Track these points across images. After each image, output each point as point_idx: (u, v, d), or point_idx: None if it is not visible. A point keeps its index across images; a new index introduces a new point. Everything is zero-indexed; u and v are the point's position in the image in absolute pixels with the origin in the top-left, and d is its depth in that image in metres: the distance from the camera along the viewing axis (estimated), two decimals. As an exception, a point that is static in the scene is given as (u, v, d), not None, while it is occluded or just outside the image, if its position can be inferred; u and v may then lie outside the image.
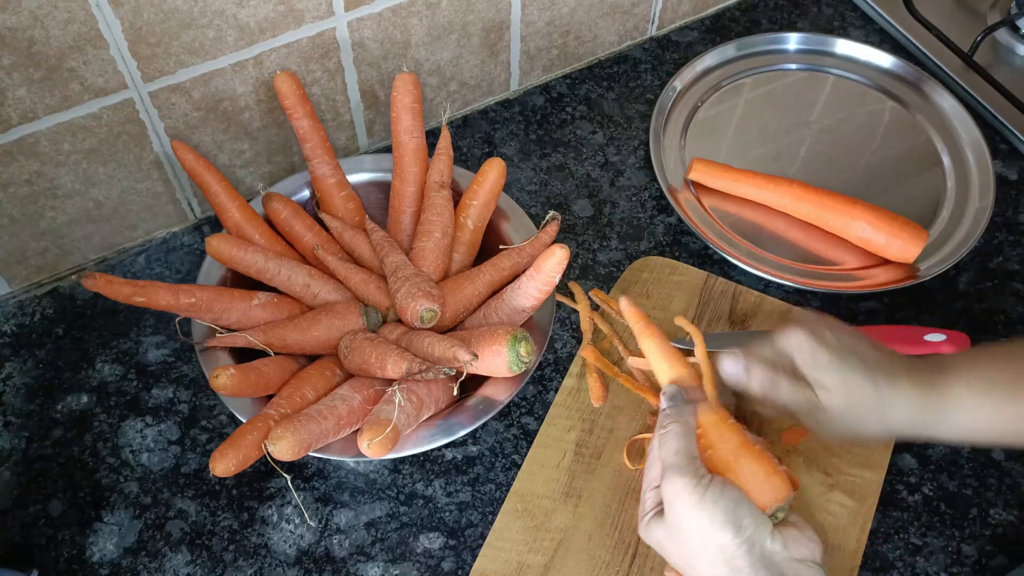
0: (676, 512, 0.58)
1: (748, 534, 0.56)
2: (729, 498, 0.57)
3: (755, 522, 0.57)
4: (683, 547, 0.59)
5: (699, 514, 0.57)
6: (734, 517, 0.57)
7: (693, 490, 0.57)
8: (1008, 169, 0.96)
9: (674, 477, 0.58)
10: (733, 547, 0.56)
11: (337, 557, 0.72)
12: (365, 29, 0.84)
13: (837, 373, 0.62)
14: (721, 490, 0.57)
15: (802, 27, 1.08)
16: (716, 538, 0.57)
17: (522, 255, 0.80)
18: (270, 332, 0.74)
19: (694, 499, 0.57)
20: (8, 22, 0.67)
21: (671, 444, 0.60)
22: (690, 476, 0.58)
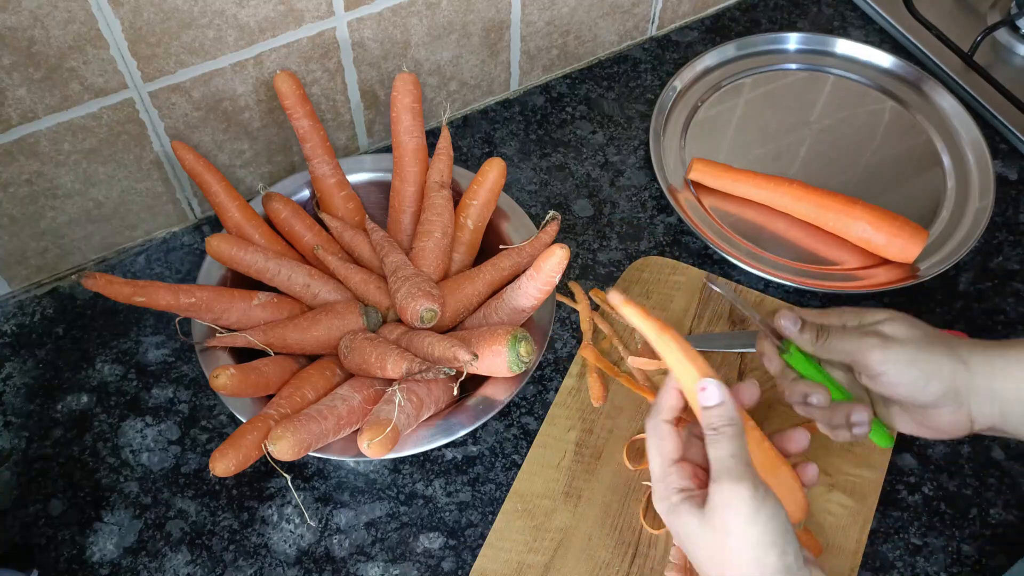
0: (725, 517, 0.55)
1: (789, 560, 0.54)
2: (782, 519, 0.55)
3: (795, 550, 0.55)
4: (718, 550, 0.56)
5: (751, 528, 0.54)
6: (783, 540, 0.54)
7: (750, 501, 0.54)
8: (1008, 169, 0.96)
9: (730, 483, 0.55)
10: (774, 569, 0.54)
11: (337, 557, 0.72)
12: (365, 29, 0.84)
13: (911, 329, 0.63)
14: (776, 509, 0.55)
15: (802, 27, 1.08)
16: (761, 555, 0.54)
17: (522, 255, 0.80)
18: (270, 332, 0.74)
19: (749, 510, 0.54)
20: (8, 22, 0.67)
21: (727, 446, 0.56)
22: (749, 485, 0.54)
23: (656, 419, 0.60)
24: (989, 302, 0.86)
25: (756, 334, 0.82)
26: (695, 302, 0.85)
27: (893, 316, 0.64)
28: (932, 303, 0.86)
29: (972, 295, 0.87)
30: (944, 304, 0.86)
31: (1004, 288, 0.87)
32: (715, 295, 0.85)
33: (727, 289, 0.71)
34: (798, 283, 0.85)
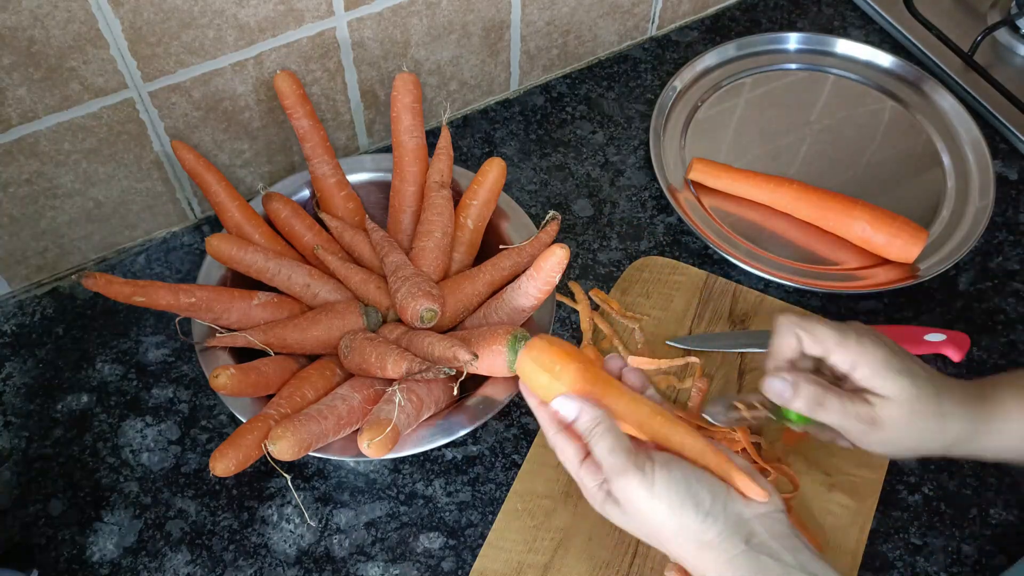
0: (632, 507, 0.57)
1: (707, 506, 0.56)
2: (677, 479, 0.56)
3: (712, 493, 0.56)
4: (648, 532, 0.59)
5: (656, 505, 0.56)
6: (689, 495, 0.56)
7: (640, 485, 0.56)
8: (1008, 169, 0.96)
9: (618, 478, 0.57)
10: (697, 523, 0.56)
11: (337, 557, 0.72)
12: (365, 29, 0.84)
13: (906, 380, 0.60)
14: (669, 474, 0.56)
15: (802, 27, 1.08)
16: (678, 520, 0.56)
17: (522, 255, 0.80)
18: (270, 332, 0.74)
19: (645, 493, 0.56)
20: (8, 22, 0.67)
21: (601, 445, 0.58)
22: (633, 471, 0.57)
23: (549, 437, 0.63)
24: (989, 302, 0.86)
25: (755, 333, 0.82)
26: (695, 302, 0.85)
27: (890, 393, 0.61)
28: (932, 303, 0.86)
29: (972, 295, 0.87)
30: (944, 304, 0.86)
31: (1004, 288, 0.87)
32: (715, 295, 0.85)
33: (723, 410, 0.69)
34: (798, 283, 0.85)
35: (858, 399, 0.61)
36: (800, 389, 0.61)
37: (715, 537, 0.56)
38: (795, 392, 0.62)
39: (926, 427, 0.61)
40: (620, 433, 0.59)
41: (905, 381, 0.60)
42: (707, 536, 0.56)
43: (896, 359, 0.61)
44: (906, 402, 0.60)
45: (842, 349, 0.62)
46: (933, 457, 0.76)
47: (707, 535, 0.56)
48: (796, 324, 0.63)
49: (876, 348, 0.61)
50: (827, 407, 0.61)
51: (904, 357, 0.62)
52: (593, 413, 0.60)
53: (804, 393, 0.61)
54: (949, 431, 0.62)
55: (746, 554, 0.56)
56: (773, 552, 0.56)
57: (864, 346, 0.61)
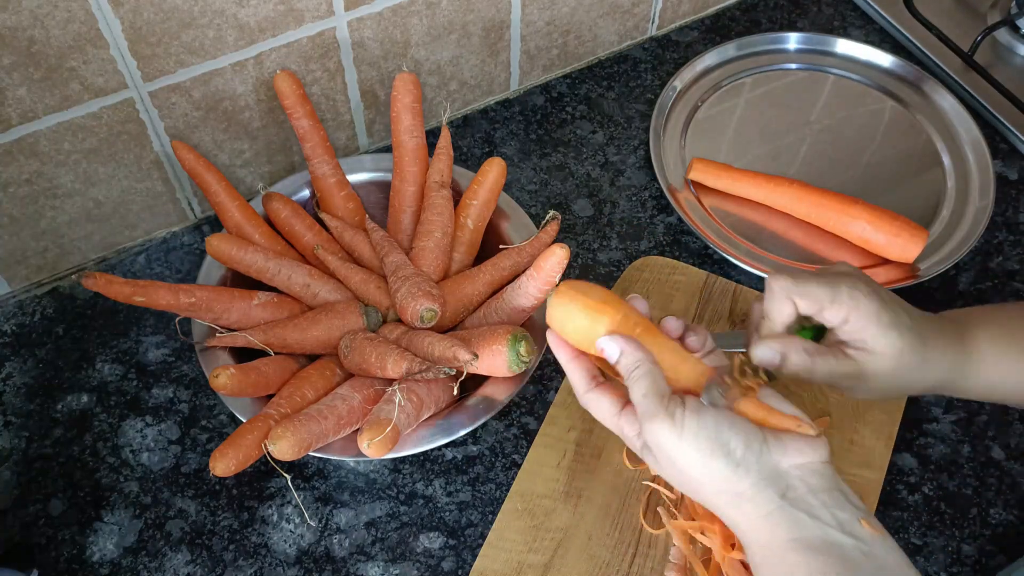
0: (664, 452, 0.56)
1: (739, 455, 0.54)
2: (708, 425, 0.55)
3: (745, 442, 0.54)
4: (680, 479, 0.57)
5: (685, 449, 0.55)
6: (719, 443, 0.54)
7: (670, 430, 0.55)
8: (1008, 169, 0.96)
9: (648, 423, 0.56)
10: (729, 472, 0.54)
11: (337, 557, 0.72)
12: (365, 29, 0.84)
13: (894, 333, 0.60)
14: (698, 420, 0.55)
15: (802, 27, 1.08)
16: (709, 468, 0.54)
17: (522, 255, 0.80)
18: (270, 332, 0.74)
19: (674, 438, 0.55)
20: (8, 22, 0.67)
21: (639, 387, 0.57)
22: (662, 416, 0.55)
23: (580, 395, 0.62)
24: (989, 302, 0.86)
25: None
26: (695, 302, 0.85)
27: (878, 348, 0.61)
28: (932, 303, 0.86)
29: (972, 295, 0.87)
30: (944, 304, 0.86)
31: (1004, 288, 0.87)
32: (715, 295, 0.85)
33: None
34: (798, 283, 0.85)
35: (845, 359, 0.61)
36: (789, 359, 0.62)
37: (748, 488, 0.54)
38: (783, 361, 0.62)
39: (909, 376, 0.62)
40: (658, 377, 0.57)
41: (893, 335, 0.60)
42: (740, 487, 0.54)
43: (886, 312, 0.61)
44: (893, 356, 0.61)
45: (835, 306, 0.61)
46: (932, 459, 0.76)
47: (739, 486, 0.54)
48: (790, 289, 0.62)
49: (868, 301, 0.61)
50: (816, 371, 0.62)
51: (893, 307, 0.61)
52: (636, 355, 0.58)
53: (793, 361, 0.61)
54: (930, 377, 0.63)
55: (781, 509, 0.54)
56: (811, 508, 0.54)
57: (856, 300, 0.61)
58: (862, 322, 0.61)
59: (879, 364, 0.61)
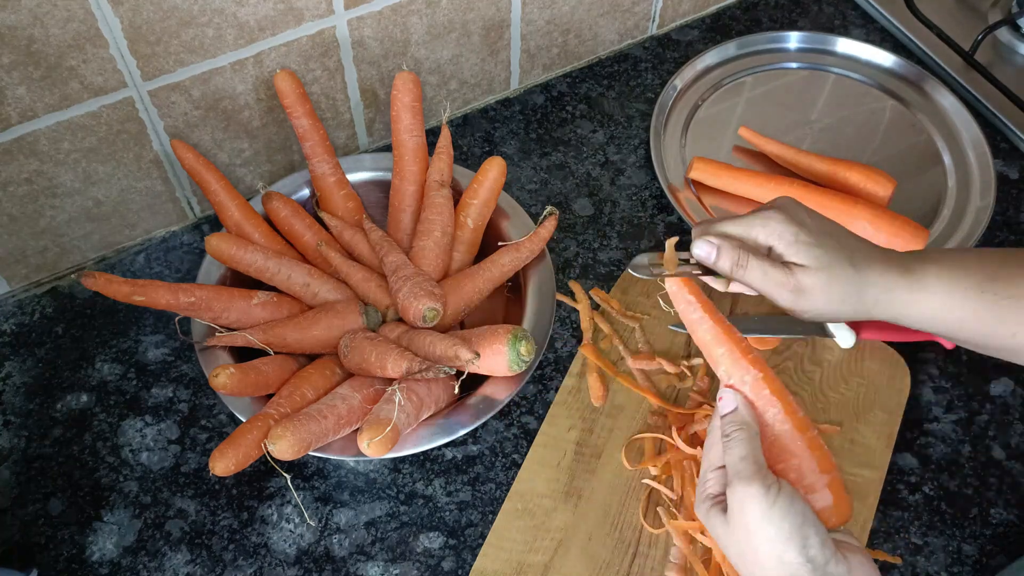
0: (743, 519, 0.56)
1: (812, 553, 0.54)
2: (797, 512, 0.55)
3: (820, 542, 0.55)
4: (743, 550, 0.57)
5: (766, 525, 0.55)
6: (801, 533, 0.55)
7: (762, 500, 0.55)
8: (1009, 168, 0.96)
9: (742, 485, 0.56)
10: (797, 564, 0.54)
11: (337, 556, 0.72)
12: (365, 28, 0.84)
13: (818, 250, 0.63)
14: (790, 503, 0.55)
15: (803, 26, 1.08)
16: (781, 552, 0.55)
17: (520, 251, 0.80)
18: (270, 331, 0.74)
19: (762, 509, 0.55)
20: (8, 21, 0.67)
21: (736, 449, 0.58)
22: (758, 484, 0.56)
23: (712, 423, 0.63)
24: (990, 301, 0.86)
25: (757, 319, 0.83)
26: (695, 301, 0.85)
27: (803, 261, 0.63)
28: (933, 302, 0.86)
29: (973, 294, 0.87)
30: (945, 303, 0.86)
31: (1005, 287, 0.87)
32: (716, 294, 0.85)
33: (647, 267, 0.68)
34: (799, 282, 0.85)
35: (778, 264, 0.64)
36: (723, 251, 0.64)
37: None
38: (719, 254, 0.64)
39: (845, 291, 0.64)
40: (757, 447, 0.59)
41: (816, 251, 0.63)
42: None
43: (804, 232, 0.64)
44: (821, 269, 0.63)
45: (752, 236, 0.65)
46: (933, 459, 0.76)
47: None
48: (707, 235, 0.65)
49: (784, 226, 0.64)
50: (748, 269, 0.64)
51: (813, 231, 0.64)
52: (746, 415, 0.60)
53: (726, 254, 0.64)
54: (867, 295, 0.64)
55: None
56: None
57: (769, 227, 0.64)
58: (783, 243, 0.64)
59: (810, 278, 0.63)
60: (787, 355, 0.82)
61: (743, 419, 0.60)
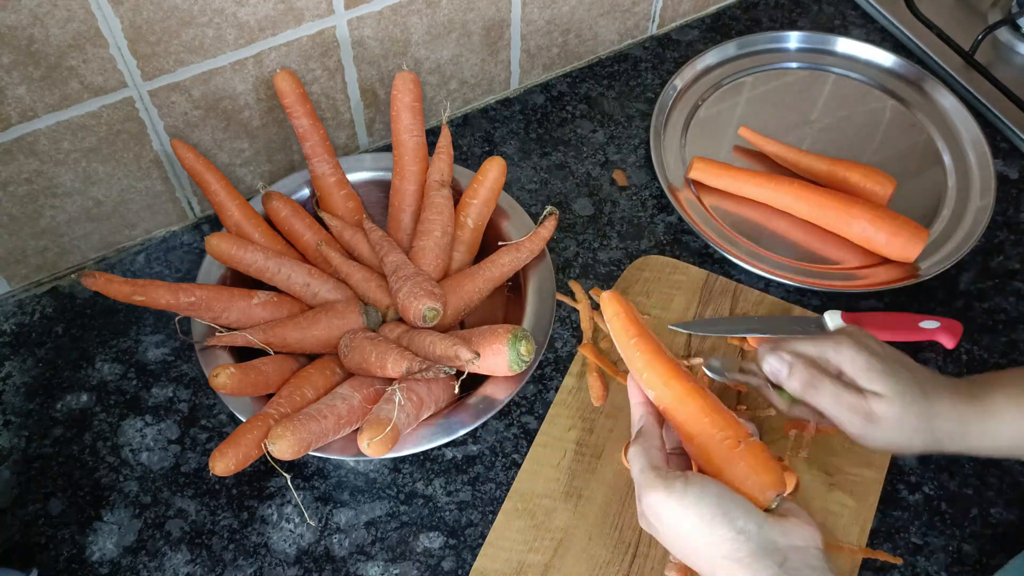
0: (664, 523, 0.58)
1: (740, 524, 0.56)
2: (712, 494, 0.57)
3: (745, 512, 0.57)
4: (683, 548, 0.59)
5: (686, 517, 0.57)
6: (722, 511, 0.56)
7: (667, 498, 0.58)
8: (1009, 168, 0.96)
9: (647, 494, 0.59)
10: (730, 539, 0.56)
11: (337, 556, 0.72)
12: (365, 27, 0.84)
13: (892, 379, 0.62)
14: (701, 488, 0.57)
15: (803, 26, 1.08)
16: (711, 535, 0.56)
17: (520, 251, 0.80)
18: (270, 331, 0.74)
19: (673, 505, 0.57)
20: (8, 20, 0.67)
21: (635, 464, 0.61)
22: (660, 488, 0.58)
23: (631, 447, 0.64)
24: (990, 301, 0.86)
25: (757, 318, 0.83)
26: (695, 301, 0.85)
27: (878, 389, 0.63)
28: (933, 302, 0.86)
29: (973, 294, 0.87)
30: (945, 303, 0.86)
31: (1005, 287, 0.87)
32: (716, 294, 0.85)
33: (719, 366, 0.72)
34: (799, 282, 0.85)
35: (852, 389, 0.63)
36: (795, 369, 0.64)
37: (747, 556, 0.56)
38: (790, 372, 0.64)
39: (917, 424, 0.63)
40: (653, 455, 0.61)
41: (891, 380, 0.63)
42: (739, 554, 0.56)
43: (877, 361, 0.63)
44: (895, 398, 0.62)
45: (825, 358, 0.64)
46: (933, 455, 0.76)
47: (740, 552, 0.56)
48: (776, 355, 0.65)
49: (855, 353, 0.63)
50: (820, 390, 0.63)
51: (886, 359, 0.64)
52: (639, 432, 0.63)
53: (798, 374, 0.64)
54: (939, 428, 0.63)
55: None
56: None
57: (842, 352, 0.64)
58: (855, 371, 0.63)
59: (884, 406, 0.62)
60: (787, 355, 0.82)
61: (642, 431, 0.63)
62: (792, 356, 0.64)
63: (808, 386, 0.64)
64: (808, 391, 0.64)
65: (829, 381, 0.63)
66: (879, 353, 0.64)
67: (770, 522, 0.57)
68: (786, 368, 0.64)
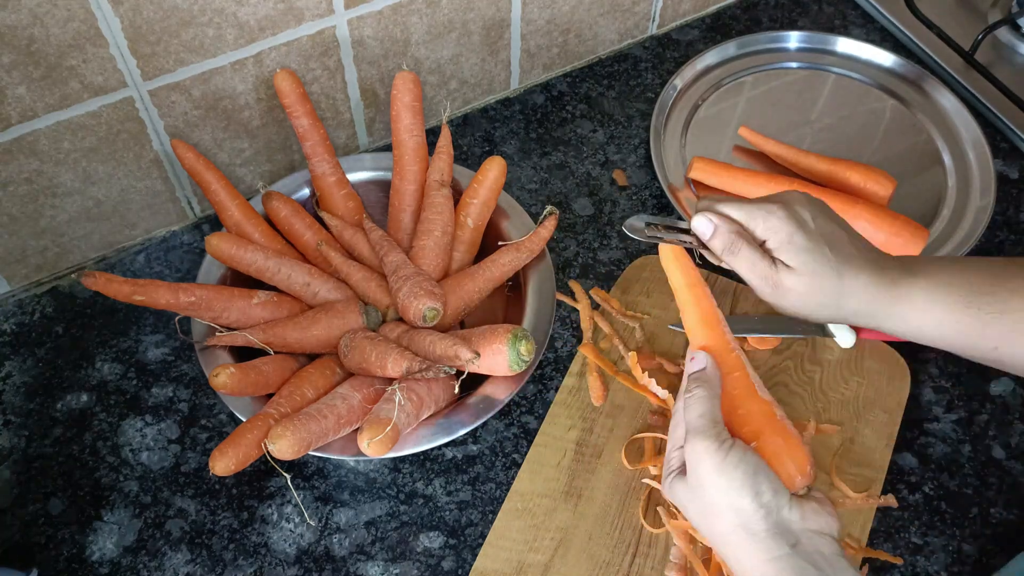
0: (698, 473, 0.59)
1: (766, 499, 0.57)
2: (749, 463, 0.58)
3: (773, 490, 0.58)
4: (703, 507, 0.60)
5: (720, 477, 0.58)
6: (753, 482, 0.57)
7: (715, 453, 0.58)
8: (1009, 168, 0.96)
9: (697, 440, 0.59)
10: (751, 511, 0.57)
11: (337, 556, 0.72)
12: (365, 27, 0.84)
13: (807, 256, 0.63)
14: (742, 455, 0.58)
15: (803, 25, 1.08)
16: (735, 501, 0.57)
17: (520, 250, 0.80)
18: (270, 331, 0.74)
19: (716, 461, 0.58)
20: (8, 20, 0.67)
21: (696, 407, 0.61)
22: (712, 439, 0.59)
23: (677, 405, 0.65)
24: (990, 301, 0.86)
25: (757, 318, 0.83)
26: (695, 301, 0.85)
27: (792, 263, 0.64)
28: (933, 302, 0.86)
29: (973, 294, 0.87)
30: (945, 303, 0.86)
31: (1005, 287, 0.87)
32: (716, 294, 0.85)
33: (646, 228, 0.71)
34: (799, 282, 0.85)
35: (767, 258, 0.65)
36: (719, 232, 0.65)
37: (763, 531, 0.57)
38: (714, 232, 0.65)
39: (823, 300, 0.64)
40: (717, 406, 0.62)
41: (806, 256, 0.63)
42: (755, 527, 0.57)
43: (802, 234, 0.64)
44: (804, 274, 0.64)
45: (752, 225, 0.65)
46: (933, 459, 0.76)
47: (756, 526, 0.57)
48: (709, 212, 0.66)
49: (783, 223, 0.64)
50: (738, 255, 0.65)
51: (811, 234, 0.64)
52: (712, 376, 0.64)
53: (721, 235, 0.65)
54: (846, 306, 0.65)
55: (790, 556, 0.56)
56: (816, 563, 0.56)
57: (769, 221, 0.64)
58: (778, 242, 0.64)
59: (793, 280, 0.64)
60: (787, 355, 0.82)
61: (708, 377, 0.63)
62: (719, 218, 0.65)
63: (727, 251, 0.65)
64: (727, 255, 0.65)
65: (747, 248, 0.64)
66: (807, 226, 0.64)
67: (792, 504, 0.58)
68: (711, 229, 0.65)
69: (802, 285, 0.64)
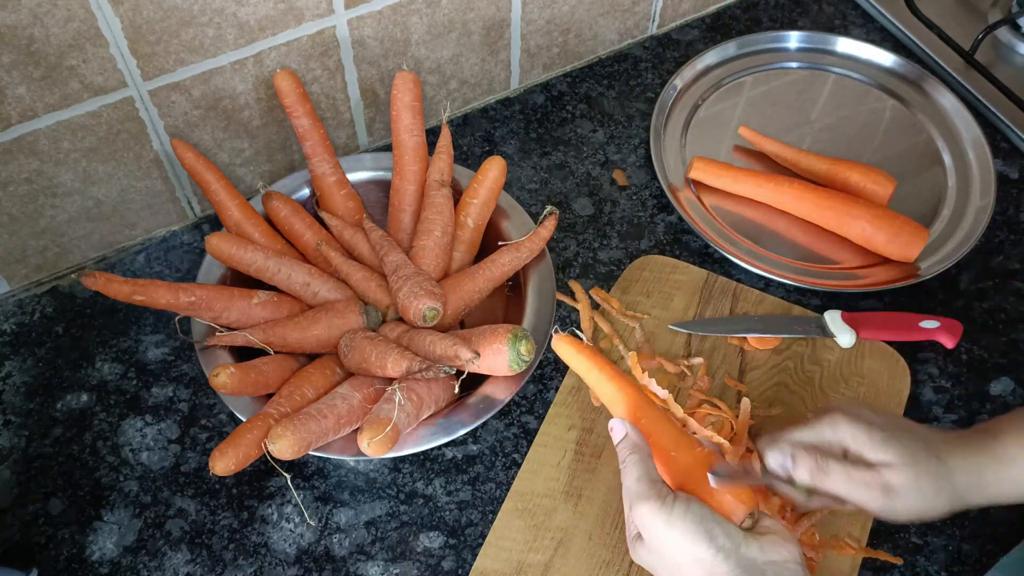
0: (651, 534, 0.60)
1: (720, 542, 0.58)
2: (695, 512, 0.58)
3: (725, 532, 0.58)
4: (668, 564, 0.60)
5: (671, 532, 0.58)
6: (704, 529, 0.58)
7: (660, 511, 0.59)
8: (1009, 168, 0.96)
9: (640, 503, 0.60)
10: (710, 557, 0.57)
11: (337, 556, 0.72)
12: (365, 27, 0.84)
13: (898, 446, 0.62)
14: (686, 506, 0.59)
15: (803, 25, 1.08)
16: (692, 552, 0.58)
17: (520, 250, 0.80)
18: (270, 331, 0.74)
19: (663, 519, 0.59)
20: (8, 20, 0.67)
21: (631, 472, 0.62)
22: (654, 499, 0.59)
23: None
24: (990, 301, 0.86)
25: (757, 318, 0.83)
26: (696, 301, 0.85)
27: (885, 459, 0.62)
28: (933, 302, 0.86)
29: (973, 294, 0.87)
30: (945, 303, 0.86)
31: (1005, 287, 0.87)
32: (716, 294, 0.85)
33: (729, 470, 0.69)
34: (799, 282, 0.85)
35: (860, 466, 0.62)
36: (799, 458, 0.63)
37: (727, 573, 0.57)
38: (795, 462, 0.63)
39: (935, 485, 0.62)
40: (651, 466, 0.62)
41: (896, 446, 0.62)
42: (720, 570, 0.57)
43: (877, 430, 0.63)
44: (907, 463, 0.62)
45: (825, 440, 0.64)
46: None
47: (720, 569, 0.57)
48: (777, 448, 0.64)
49: (853, 427, 0.63)
50: (829, 474, 0.62)
51: (885, 426, 0.63)
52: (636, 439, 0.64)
53: (803, 461, 0.63)
54: (958, 485, 0.63)
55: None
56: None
57: (839, 429, 0.63)
58: (859, 445, 0.62)
59: (899, 474, 0.61)
60: (787, 355, 0.82)
61: (634, 442, 0.63)
62: (791, 446, 0.63)
63: (817, 472, 0.62)
64: (818, 477, 0.62)
65: (836, 462, 0.62)
66: (876, 422, 0.63)
67: (748, 540, 0.58)
68: (789, 460, 0.63)
69: (908, 478, 0.61)
